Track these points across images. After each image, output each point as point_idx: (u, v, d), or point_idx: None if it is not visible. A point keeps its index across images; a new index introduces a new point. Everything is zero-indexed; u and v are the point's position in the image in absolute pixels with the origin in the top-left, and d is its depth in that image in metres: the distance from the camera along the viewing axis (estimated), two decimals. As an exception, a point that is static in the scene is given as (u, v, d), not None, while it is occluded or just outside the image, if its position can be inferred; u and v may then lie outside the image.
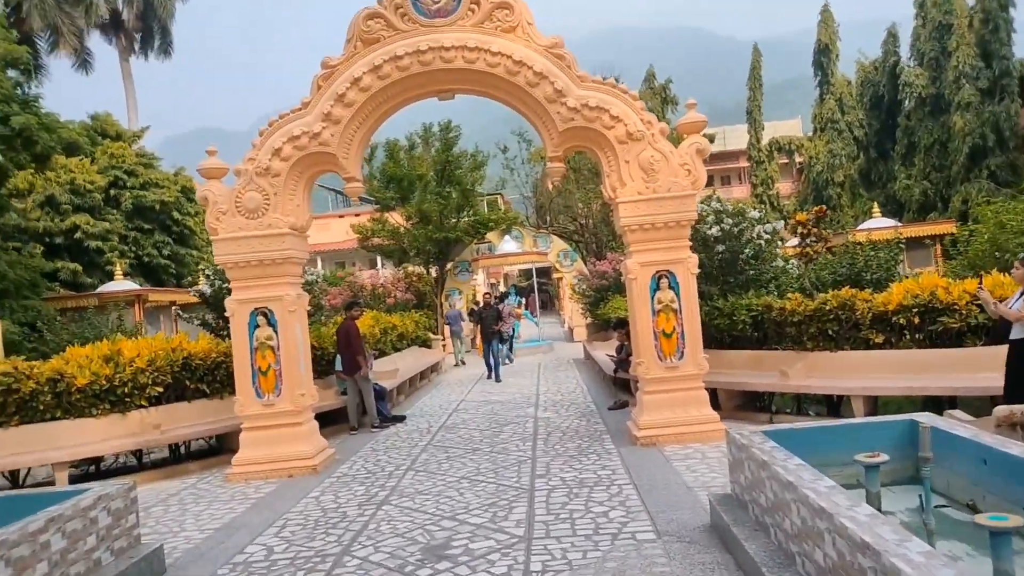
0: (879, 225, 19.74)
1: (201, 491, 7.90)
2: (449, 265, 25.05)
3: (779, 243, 11.60)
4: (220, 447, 9.70)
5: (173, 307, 18.88)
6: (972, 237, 12.62)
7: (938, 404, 8.26)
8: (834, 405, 9.15)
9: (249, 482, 7.99)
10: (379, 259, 33.88)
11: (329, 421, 10.42)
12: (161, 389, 9.11)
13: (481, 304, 18.37)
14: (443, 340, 22.29)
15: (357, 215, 34.22)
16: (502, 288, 36.66)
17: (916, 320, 8.35)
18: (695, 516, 5.42)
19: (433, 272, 24.68)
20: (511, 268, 38.51)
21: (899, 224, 21.12)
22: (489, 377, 15.68)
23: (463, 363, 20.39)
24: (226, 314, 8.51)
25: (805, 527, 3.44)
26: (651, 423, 8.09)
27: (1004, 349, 6.34)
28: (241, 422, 8.37)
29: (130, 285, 20.17)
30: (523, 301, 29.54)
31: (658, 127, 8.39)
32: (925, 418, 4.71)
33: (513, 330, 21.35)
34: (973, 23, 29.59)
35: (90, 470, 9.22)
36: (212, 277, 11.42)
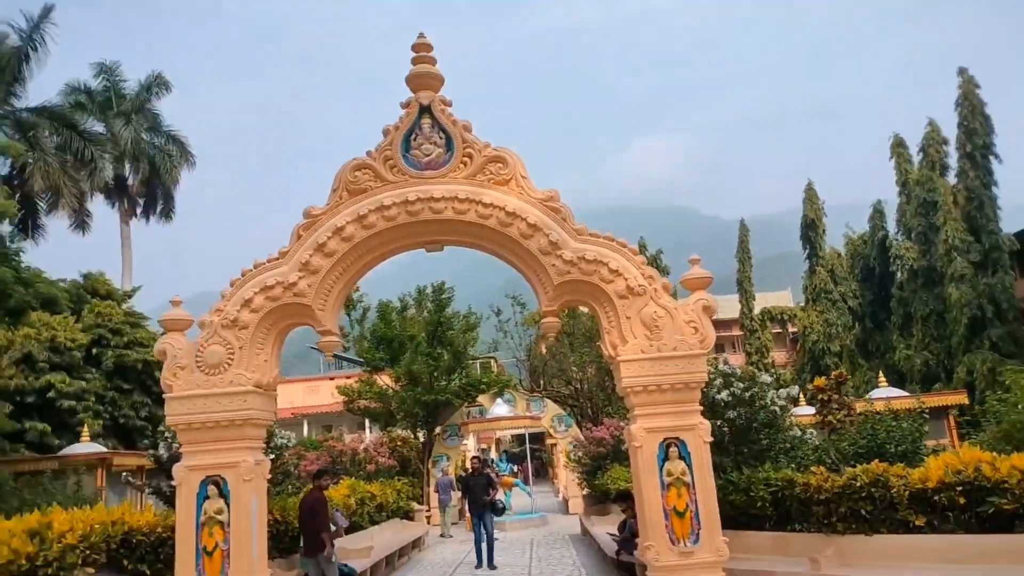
0: (887, 394, 18.90)
1: None
2: (438, 429, 23.82)
3: (790, 411, 10.76)
4: (154, 645, 8.21)
5: (123, 474, 17.47)
6: (1003, 407, 11.78)
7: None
8: (873, 599, 7.89)
9: None
10: (367, 423, 32.51)
11: (287, 611, 8.99)
12: (92, 570, 7.82)
13: (469, 470, 16.67)
14: (428, 511, 20.63)
15: (348, 377, 33.08)
16: (493, 454, 34.94)
17: (961, 500, 7.38)
18: None
19: (421, 436, 23.40)
20: (503, 433, 36.97)
21: (907, 394, 20.28)
22: (479, 566, 13.01)
23: (450, 536, 18.71)
24: (173, 483, 7.46)
25: None
26: (664, 624, 6.82)
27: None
28: (177, 616, 7.07)
29: (96, 448, 18.83)
30: (515, 469, 27.86)
31: (660, 282, 7.85)
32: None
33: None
34: (958, 200, 30.27)
35: None
36: (170, 440, 10.37)
